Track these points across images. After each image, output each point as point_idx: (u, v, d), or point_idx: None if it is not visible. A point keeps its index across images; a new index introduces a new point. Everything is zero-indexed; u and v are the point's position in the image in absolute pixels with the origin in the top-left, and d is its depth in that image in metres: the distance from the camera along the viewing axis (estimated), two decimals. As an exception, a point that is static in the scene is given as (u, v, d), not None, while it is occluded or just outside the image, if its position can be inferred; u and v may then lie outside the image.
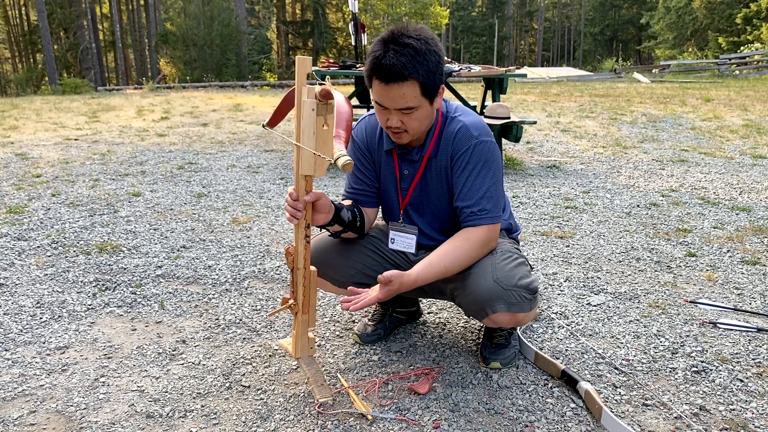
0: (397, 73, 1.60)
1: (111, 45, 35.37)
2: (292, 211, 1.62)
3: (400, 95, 1.64)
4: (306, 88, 1.54)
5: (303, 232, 1.67)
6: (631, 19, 46.23)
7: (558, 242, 3.21)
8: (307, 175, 1.60)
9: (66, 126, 7.54)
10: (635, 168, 5.18)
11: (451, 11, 40.63)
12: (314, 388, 1.71)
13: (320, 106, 1.53)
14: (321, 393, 1.69)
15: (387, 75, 1.62)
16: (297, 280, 1.71)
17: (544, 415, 1.69)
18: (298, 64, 1.55)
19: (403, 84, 1.62)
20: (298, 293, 1.72)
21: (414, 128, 1.72)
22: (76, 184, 4.51)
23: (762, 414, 1.69)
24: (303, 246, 1.67)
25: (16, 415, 1.70)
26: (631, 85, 14.64)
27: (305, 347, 1.80)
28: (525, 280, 1.73)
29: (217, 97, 11.79)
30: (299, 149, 1.57)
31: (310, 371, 1.76)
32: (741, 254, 3.01)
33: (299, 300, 1.72)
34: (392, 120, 1.70)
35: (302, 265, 1.69)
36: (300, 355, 1.80)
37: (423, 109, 1.69)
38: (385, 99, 1.66)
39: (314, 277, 1.72)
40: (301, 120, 1.54)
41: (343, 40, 34.18)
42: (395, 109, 1.67)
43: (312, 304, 1.74)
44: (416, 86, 1.64)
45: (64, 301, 2.47)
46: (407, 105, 1.66)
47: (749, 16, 25.79)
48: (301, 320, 1.75)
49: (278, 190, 4.38)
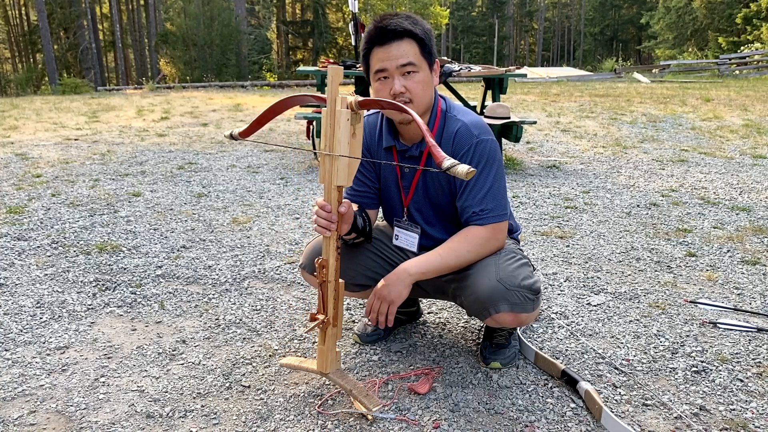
0: (394, 30, 1.67)
1: (111, 45, 35.37)
2: (326, 223, 1.59)
3: (400, 52, 1.67)
4: (340, 98, 1.53)
5: (335, 244, 1.63)
6: (631, 19, 46.24)
7: (558, 242, 3.21)
8: (340, 186, 1.58)
9: (66, 126, 7.54)
10: (635, 168, 5.18)
11: (451, 11, 40.65)
12: (362, 399, 1.65)
13: (353, 116, 1.53)
14: (371, 403, 1.64)
15: (385, 34, 1.67)
16: (327, 293, 1.67)
17: (544, 415, 1.69)
18: (331, 73, 1.54)
19: (402, 41, 1.68)
20: (329, 307, 1.67)
21: (418, 95, 1.72)
22: (76, 184, 4.51)
23: (762, 414, 1.69)
24: (335, 258, 1.64)
25: (16, 415, 1.70)
26: (631, 85, 14.65)
27: (335, 361, 1.74)
28: (528, 280, 1.73)
29: (217, 97, 11.79)
30: (332, 160, 1.55)
31: (348, 384, 1.70)
32: (741, 254, 3.01)
33: (330, 313, 1.68)
34: (396, 85, 1.69)
35: (333, 277, 1.66)
36: (330, 369, 1.73)
37: (423, 72, 1.72)
38: (386, 60, 1.68)
39: (342, 288, 1.68)
40: (337, 130, 1.53)
41: (343, 40, 34.18)
42: (397, 69, 1.68)
43: (340, 316, 1.71)
44: (414, 44, 1.69)
45: (64, 301, 2.47)
46: (409, 60, 1.68)
47: (749, 16, 25.79)
48: (330, 334, 1.70)
49: (278, 190, 4.38)
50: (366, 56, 1.73)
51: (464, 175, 1.28)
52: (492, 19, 49.08)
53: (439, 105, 1.82)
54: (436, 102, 1.82)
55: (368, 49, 1.72)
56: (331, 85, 1.54)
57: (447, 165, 1.31)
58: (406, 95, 1.70)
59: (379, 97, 1.74)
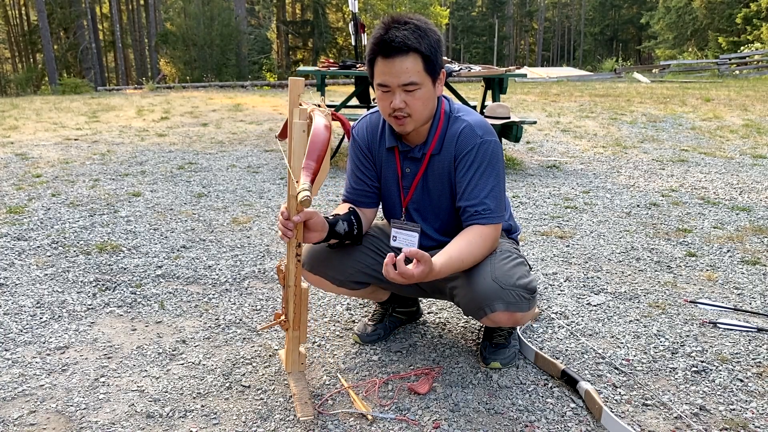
0: (400, 45, 1.62)
1: (111, 45, 35.36)
2: (283, 230, 1.63)
3: (403, 69, 1.64)
4: (297, 110, 1.53)
5: (294, 251, 1.67)
6: (631, 19, 46.24)
7: (558, 242, 3.21)
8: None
9: (66, 126, 7.54)
10: (635, 168, 5.18)
11: (451, 11, 40.64)
12: (297, 405, 1.70)
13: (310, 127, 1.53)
14: (303, 411, 1.67)
15: (389, 49, 1.63)
16: (288, 297, 1.72)
17: (544, 415, 1.69)
18: (291, 85, 1.54)
19: (406, 57, 1.64)
20: (289, 310, 1.73)
21: (418, 111, 1.71)
22: (76, 184, 4.51)
23: (762, 414, 1.69)
24: (294, 264, 1.68)
25: (16, 415, 1.70)
26: (631, 85, 14.64)
27: (296, 362, 1.82)
28: (524, 279, 1.73)
29: (217, 97, 11.79)
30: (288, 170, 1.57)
31: (296, 387, 1.76)
32: (741, 254, 3.01)
33: (290, 317, 1.74)
34: (396, 101, 1.68)
35: (293, 282, 1.70)
36: (290, 370, 1.82)
37: (426, 88, 1.69)
38: (388, 75, 1.66)
39: (306, 294, 1.73)
40: (292, 141, 1.54)
41: (343, 40, 34.17)
42: (399, 87, 1.67)
43: (303, 320, 1.76)
44: (419, 60, 1.65)
45: (64, 301, 2.47)
46: (410, 80, 1.65)
47: (749, 16, 25.79)
48: (291, 336, 1.77)
49: (278, 190, 4.38)
50: (371, 62, 1.71)
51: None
52: (492, 19, 49.09)
53: (442, 108, 1.81)
54: (439, 106, 1.81)
55: (373, 57, 1.69)
56: (291, 96, 1.55)
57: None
58: (406, 110, 1.70)
59: (380, 104, 1.75)
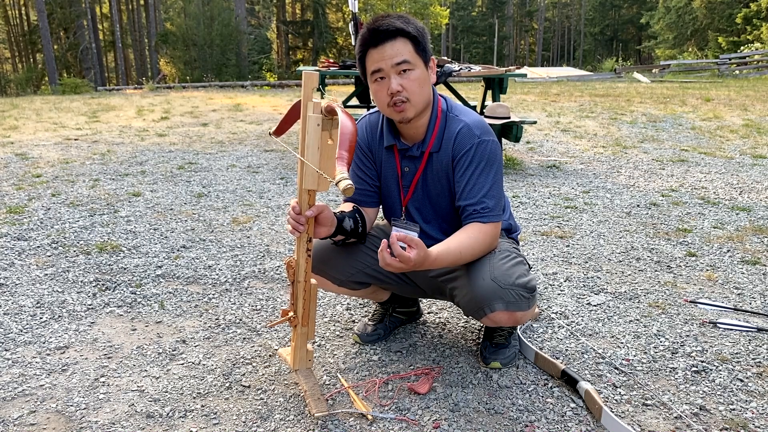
0: (387, 30, 1.68)
1: (111, 45, 35.36)
2: (294, 224, 1.62)
3: (394, 51, 1.68)
4: (312, 103, 1.53)
5: (305, 246, 1.65)
6: (631, 19, 46.24)
7: (558, 242, 3.21)
8: (311, 190, 1.58)
9: (66, 126, 7.54)
10: (635, 168, 5.18)
11: (451, 11, 40.63)
12: (310, 401, 1.69)
13: (326, 121, 1.52)
14: (317, 407, 1.67)
15: (378, 36, 1.68)
16: (297, 293, 1.69)
17: (544, 415, 1.69)
18: (305, 78, 1.54)
19: (395, 41, 1.68)
20: (298, 306, 1.70)
21: (415, 93, 1.72)
22: (76, 184, 4.51)
23: (762, 414, 1.69)
24: (304, 259, 1.66)
25: (16, 415, 1.70)
26: (631, 85, 14.65)
27: (303, 360, 1.79)
28: (523, 278, 1.73)
29: (217, 97, 11.79)
30: (303, 164, 1.55)
31: (307, 384, 1.74)
32: (741, 254, 3.01)
33: (299, 313, 1.71)
34: (393, 84, 1.69)
35: (303, 278, 1.68)
36: (298, 367, 1.79)
37: (419, 69, 1.72)
38: (381, 60, 1.69)
39: (314, 290, 1.71)
40: (306, 135, 1.53)
41: (343, 40, 34.18)
42: (392, 68, 1.68)
43: (312, 316, 1.73)
44: (408, 42, 1.70)
45: (64, 301, 2.47)
46: (403, 58, 1.68)
47: (749, 15, 25.79)
48: (300, 332, 1.74)
49: (278, 190, 4.38)
50: (362, 59, 1.74)
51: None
52: (492, 19, 49.09)
53: (439, 105, 1.82)
54: (436, 102, 1.82)
55: (363, 52, 1.72)
56: (304, 90, 1.54)
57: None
58: (403, 94, 1.70)
59: (377, 97, 1.75)
